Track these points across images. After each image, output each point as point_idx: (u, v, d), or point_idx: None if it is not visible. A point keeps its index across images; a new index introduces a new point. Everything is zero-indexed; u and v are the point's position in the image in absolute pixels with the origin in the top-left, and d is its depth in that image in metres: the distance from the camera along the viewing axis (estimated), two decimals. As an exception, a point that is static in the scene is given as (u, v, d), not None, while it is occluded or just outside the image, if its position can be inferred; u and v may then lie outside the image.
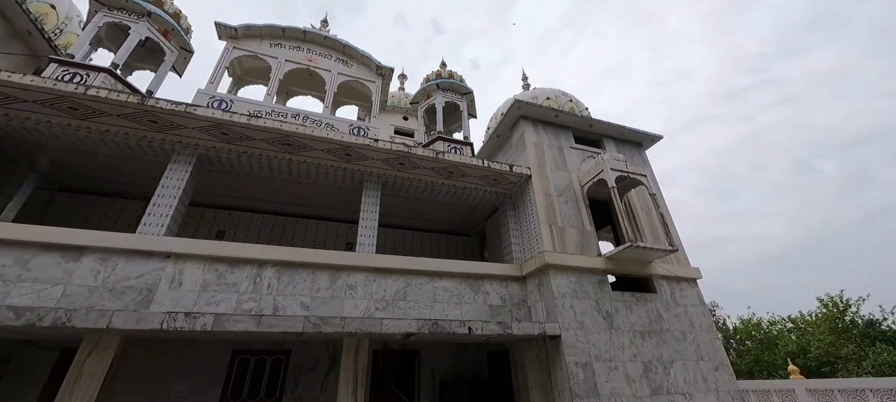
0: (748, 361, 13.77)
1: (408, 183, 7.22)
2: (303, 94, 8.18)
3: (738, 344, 15.81)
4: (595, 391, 5.45)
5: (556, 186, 7.41)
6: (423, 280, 6.29)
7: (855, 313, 12.17)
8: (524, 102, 7.93)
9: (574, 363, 5.58)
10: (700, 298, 7.24)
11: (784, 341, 13.60)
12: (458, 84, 8.24)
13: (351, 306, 5.70)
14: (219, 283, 5.25)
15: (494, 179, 7.45)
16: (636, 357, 6.01)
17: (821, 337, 12.90)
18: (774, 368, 12.88)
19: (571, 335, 5.80)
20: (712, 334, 6.88)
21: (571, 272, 6.42)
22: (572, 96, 9.71)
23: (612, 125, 8.77)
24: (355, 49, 7.59)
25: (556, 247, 6.62)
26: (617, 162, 7.32)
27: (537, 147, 7.81)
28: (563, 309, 6.00)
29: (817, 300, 13.76)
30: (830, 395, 7.95)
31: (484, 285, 6.68)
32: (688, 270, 7.42)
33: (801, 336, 13.21)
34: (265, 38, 7.11)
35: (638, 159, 8.97)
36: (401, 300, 6.01)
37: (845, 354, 11.38)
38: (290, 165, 6.52)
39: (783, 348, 13.14)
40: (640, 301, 6.65)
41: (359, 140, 6.22)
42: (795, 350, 12.83)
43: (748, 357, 14.02)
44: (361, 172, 6.88)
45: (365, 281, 5.96)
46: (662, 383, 5.94)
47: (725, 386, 6.36)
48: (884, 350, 10.31)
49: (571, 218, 7.13)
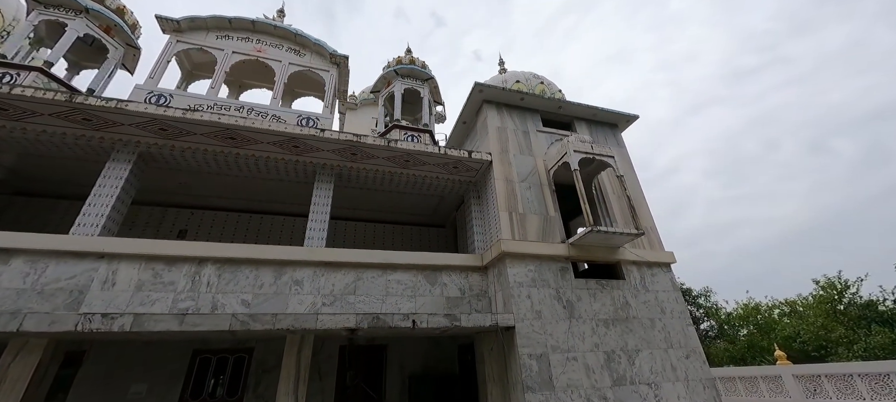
0: (741, 347, 13.28)
1: (363, 174, 6.99)
2: (258, 87, 7.98)
3: (732, 330, 15.28)
4: (549, 384, 5.19)
5: (519, 172, 7.10)
6: (375, 273, 6.08)
7: (854, 294, 11.59)
8: (486, 86, 7.60)
9: (528, 354, 5.33)
10: (673, 283, 6.90)
11: (781, 325, 13.07)
12: (418, 70, 7.94)
13: (296, 303, 5.52)
14: (154, 282, 5.10)
15: (454, 166, 7.18)
16: (598, 347, 5.72)
17: (811, 321, 12.37)
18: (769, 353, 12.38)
19: (527, 326, 5.53)
20: (685, 320, 6.54)
21: (531, 260, 6.14)
22: (544, 78, 9.33)
23: (582, 106, 8.39)
24: (307, 37, 7.34)
25: (515, 235, 6.34)
26: (582, 144, 6.97)
27: (500, 132, 7.49)
28: (518, 299, 5.73)
29: (813, 282, 13.25)
30: (817, 381, 7.55)
31: (442, 276, 6.44)
32: (660, 254, 7.07)
33: (798, 320, 12.68)
34: (211, 30, 6.90)
35: (612, 141, 8.59)
36: (350, 295, 5.81)
37: (835, 338, 10.84)
38: (238, 160, 6.34)
39: (780, 332, 12.63)
40: (606, 288, 6.34)
41: (303, 131, 6.00)
42: (792, 335, 12.33)
43: (741, 343, 13.52)
44: (314, 163, 6.67)
45: (312, 276, 5.77)
46: (626, 373, 5.65)
47: (696, 375, 6.05)
48: (878, 332, 9.77)
49: (534, 204, 6.82)
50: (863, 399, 6.84)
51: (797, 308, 13.27)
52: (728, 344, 14.02)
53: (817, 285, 12.75)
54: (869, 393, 6.76)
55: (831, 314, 11.35)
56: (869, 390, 6.77)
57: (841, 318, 10.98)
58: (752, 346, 13.17)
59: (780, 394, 8.06)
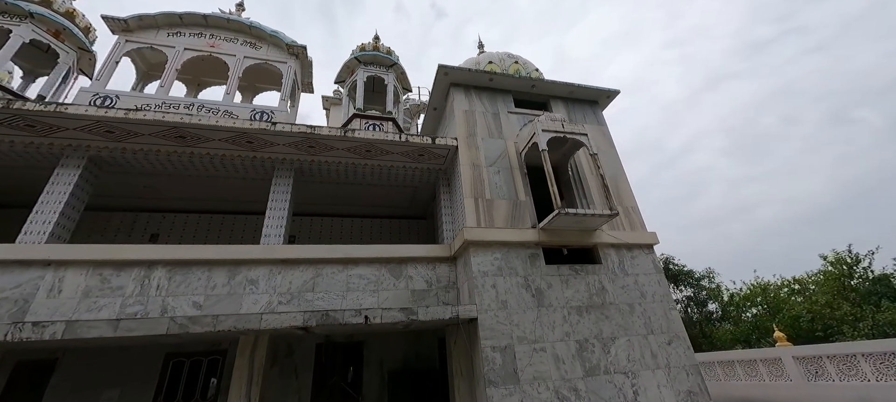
0: (745, 328, 12.65)
1: (325, 167, 6.76)
2: (218, 84, 7.78)
3: (737, 311, 14.61)
4: (514, 377, 4.90)
5: (487, 156, 6.76)
6: (335, 269, 5.86)
7: (867, 268, 10.83)
8: (452, 68, 7.24)
9: (491, 346, 5.04)
10: (655, 265, 6.50)
11: (789, 305, 12.38)
12: (381, 56, 7.62)
13: (250, 302, 5.34)
14: (102, 288, 4.98)
15: (419, 154, 6.88)
16: (569, 336, 5.40)
17: (815, 299, 11.64)
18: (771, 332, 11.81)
19: (491, 317, 5.24)
20: (667, 304, 6.15)
21: (497, 248, 5.83)
22: (519, 58, 8.88)
23: (557, 84, 7.95)
24: (263, 29, 7.09)
25: (481, 222, 6.02)
26: (552, 123, 6.58)
27: (468, 115, 7.14)
28: (482, 289, 5.44)
29: (821, 258, 12.43)
30: (819, 362, 7.05)
31: (407, 269, 6.18)
32: (641, 235, 6.66)
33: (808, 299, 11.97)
34: (162, 27, 6.71)
35: (591, 118, 8.14)
36: (308, 292, 5.61)
37: (840, 316, 10.14)
38: (193, 159, 6.17)
39: (787, 312, 11.96)
40: (580, 274, 5.99)
41: (253, 125, 5.78)
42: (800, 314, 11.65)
43: (745, 324, 12.87)
44: (272, 159, 6.46)
45: (268, 275, 5.58)
46: (600, 362, 5.32)
47: (679, 361, 5.67)
48: (888, 308, 9.06)
49: (503, 189, 6.48)
50: (867, 380, 6.35)
51: (808, 287, 12.56)
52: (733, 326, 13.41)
53: (825, 260, 12.00)
54: (873, 373, 6.26)
55: (840, 291, 10.66)
56: (874, 370, 6.27)
57: (850, 295, 10.29)
58: (757, 327, 12.55)
59: (780, 377, 7.59)
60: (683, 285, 16.22)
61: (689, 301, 16.00)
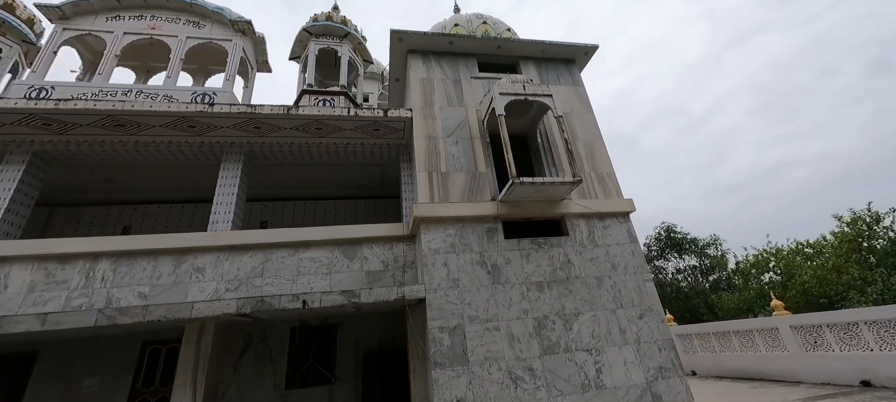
0: (749, 297, 11.88)
1: (277, 148, 6.48)
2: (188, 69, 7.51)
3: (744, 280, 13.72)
4: (463, 358, 4.65)
5: (444, 127, 6.30)
6: (285, 253, 5.67)
7: (888, 227, 9.76)
8: (406, 33, 6.70)
9: (439, 327, 4.79)
10: (630, 234, 6.00)
11: (802, 270, 11.45)
12: (333, 26, 7.12)
13: (197, 291, 5.24)
14: (47, 282, 4.97)
15: (375, 128, 6.49)
16: (527, 313, 5.07)
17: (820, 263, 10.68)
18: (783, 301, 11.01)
19: (440, 297, 4.96)
20: (641, 275, 5.70)
21: (451, 224, 5.48)
22: (488, 18, 8.19)
23: (527, 43, 7.28)
24: (205, 6, 6.71)
25: (435, 196, 5.66)
26: (512, 85, 6.01)
27: (425, 84, 6.64)
28: (432, 267, 5.14)
29: (835, 219, 11.28)
30: (818, 331, 6.46)
31: (362, 249, 5.93)
32: (615, 203, 6.14)
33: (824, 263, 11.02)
34: (100, 12, 6.43)
35: (566, 79, 7.47)
36: (257, 277, 5.46)
37: (846, 281, 9.22)
38: (139, 148, 6.01)
39: (799, 279, 11.07)
40: (543, 248, 5.59)
41: (189, 108, 5.52)
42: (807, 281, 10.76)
43: (749, 293, 12.09)
44: (221, 143, 6.23)
45: (216, 261, 5.45)
46: (560, 339, 4.99)
47: (650, 336, 5.28)
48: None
49: (461, 161, 6.05)
50: (870, 350, 5.76)
51: (823, 251, 11.58)
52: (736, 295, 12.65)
53: (840, 221, 10.92)
54: (877, 342, 5.66)
55: (856, 254, 9.72)
56: (877, 338, 5.67)
57: (867, 258, 9.36)
58: (763, 295, 11.78)
59: (777, 348, 7.05)
60: (688, 254, 15.41)
61: (694, 270, 15.24)
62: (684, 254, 15.34)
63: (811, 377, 6.42)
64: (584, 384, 4.80)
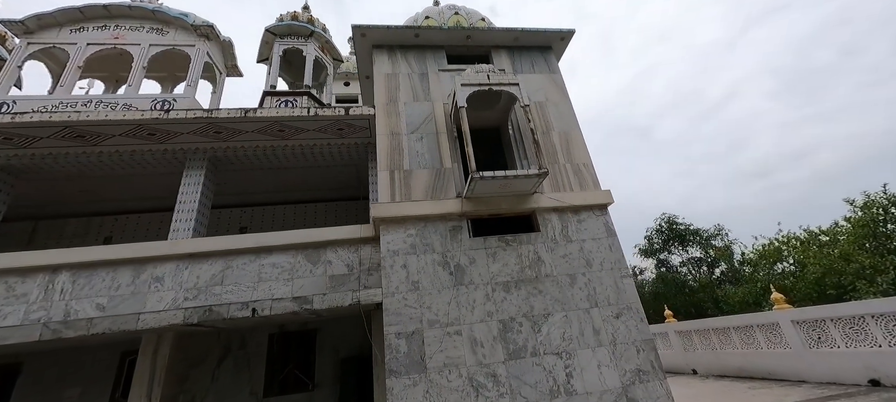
0: (755, 290, 11.13)
1: (242, 153, 6.36)
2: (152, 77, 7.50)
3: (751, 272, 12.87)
4: (420, 365, 4.41)
5: (408, 122, 6.05)
6: (246, 259, 5.52)
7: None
8: (369, 27, 6.48)
9: (396, 333, 4.55)
10: (607, 228, 5.63)
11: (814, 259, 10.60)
12: (297, 26, 6.96)
13: (155, 301, 5.14)
14: (7, 296, 4.95)
15: (339, 128, 6.30)
16: (492, 316, 4.79)
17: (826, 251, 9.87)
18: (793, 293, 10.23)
19: (398, 300, 4.72)
20: (618, 272, 5.32)
21: (412, 223, 5.23)
22: (461, 8, 7.88)
23: (499, 31, 6.96)
24: (167, 12, 6.64)
25: (396, 195, 5.43)
26: (476, 75, 5.72)
27: (389, 79, 6.41)
28: (390, 270, 4.91)
29: (847, 204, 10.37)
30: (822, 326, 5.92)
31: (326, 253, 5.73)
32: (591, 195, 5.77)
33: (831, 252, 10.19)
34: (64, 24, 6.44)
35: (542, 67, 7.11)
36: (217, 285, 5.32)
37: (854, 270, 8.43)
38: (102, 158, 5.98)
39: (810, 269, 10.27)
40: (512, 245, 5.28)
41: (145, 116, 5.44)
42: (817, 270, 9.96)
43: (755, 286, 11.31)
44: (184, 150, 6.15)
45: (175, 270, 5.34)
46: (527, 343, 4.69)
47: (627, 336, 4.91)
48: None
49: (425, 157, 5.79)
50: (877, 346, 5.22)
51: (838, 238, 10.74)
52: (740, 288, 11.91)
53: (852, 205, 10.07)
54: (885, 337, 5.13)
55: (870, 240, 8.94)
56: (885, 333, 5.13)
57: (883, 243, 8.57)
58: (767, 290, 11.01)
59: (779, 344, 6.53)
60: (691, 246, 14.60)
61: (699, 263, 14.43)
62: (688, 246, 14.61)
63: (816, 375, 5.90)
64: (552, 390, 4.48)
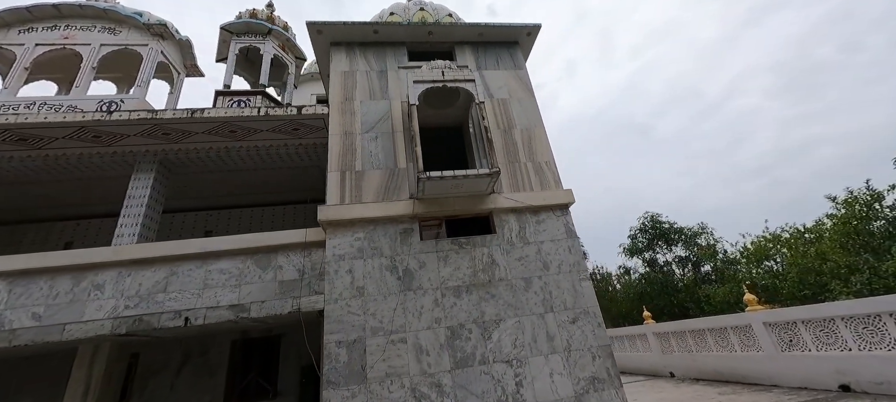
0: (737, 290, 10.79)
1: (194, 155, 6.17)
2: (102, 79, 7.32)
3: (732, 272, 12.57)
4: (360, 375, 4.21)
5: (364, 121, 5.85)
6: (192, 265, 5.32)
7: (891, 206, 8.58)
8: (324, 24, 6.29)
9: (336, 341, 4.35)
10: (567, 229, 5.42)
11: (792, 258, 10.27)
12: (256, 23, 6.76)
13: (95, 309, 4.94)
14: (-59, 306, 4.77)
15: (294, 128, 6.11)
16: (440, 322, 4.58)
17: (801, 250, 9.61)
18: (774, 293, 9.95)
19: (340, 307, 4.53)
20: (577, 275, 5.12)
21: (361, 226, 5.04)
22: (428, 4, 7.67)
23: (462, 27, 6.76)
24: (119, 11, 6.45)
25: (346, 197, 5.23)
26: (430, 72, 5.52)
27: (346, 77, 6.21)
28: (336, 275, 4.72)
29: (829, 200, 10.08)
30: (793, 329, 5.69)
31: (278, 258, 5.52)
32: (551, 195, 5.57)
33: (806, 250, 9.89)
34: (12, 25, 6.26)
35: (507, 63, 6.90)
36: (160, 293, 5.13)
37: (831, 268, 8.15)
38: (48, 161, 5.81)
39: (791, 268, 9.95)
40: (465, 248, 5.08)
41: (86, 118, 5.25)
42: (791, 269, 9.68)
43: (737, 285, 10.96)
44: (134, 152, 5.97)
45: (117, 278, 5.14)
46: (476, 350, 4.49)
47: (583, 342, 4.70)
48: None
49: (379, 157, 5.59)
50: (847, 349, 4.99)
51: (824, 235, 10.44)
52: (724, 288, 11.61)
53: (834, 202, 9.76)
54: (855, 341, 4.90)
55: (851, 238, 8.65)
56: (855, 336, 4.90)
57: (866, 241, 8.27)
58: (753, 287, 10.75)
59: (752, 347, 6.31)
60: (675, 244, 14.32)
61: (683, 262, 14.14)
62: (672, 245, 14.34)
63: (787, 380, 5.67)
64: (500, 399, 4.28)
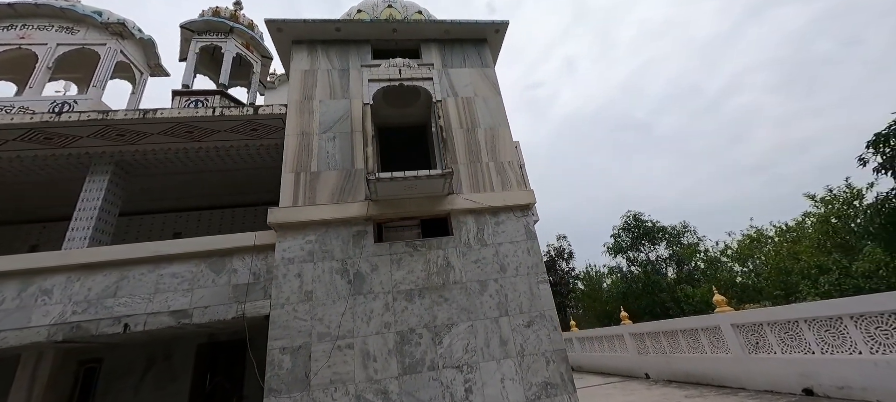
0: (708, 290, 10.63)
1: (153, 156, 6.06)
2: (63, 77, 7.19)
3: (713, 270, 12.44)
4: (303, 382, 4.11)
5: (322, 121, 5.74)
6: (144, 269, 5.21)
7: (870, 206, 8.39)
8: (284, 22, 6.16)
9: (280, 347, 4.25)
10: (527, 230, 5.30)
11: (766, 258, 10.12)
12: (217, 21, 6.63)
13: (41, 315, 4.83)
14: None
15: (253, 128, 5.99)
16: (389, 327, 4.48)
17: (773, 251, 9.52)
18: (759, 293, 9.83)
19: (287, 312, 4.42)
20: (535, 277, 5.00)
21: (313, 229, 4.93)
22: (395, 0, 7.54)
23: (427, 24, 6.63)
24: (76, 10, 6.32)
25: (299, 199, 5.11)
26: (387, 70, 5.39)
27: (306, 76, 6.09)
28: (284, 279, 4.62)
29: (808, 198, 9.92)
30: (759, 331, 5.58)
31: (232, 261, 5.41)
32: (512, 195, 5.45)
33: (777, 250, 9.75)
34: (-33, 24, 6.16)
35: (474, 60, 6.77)
36: (110, 298, 5.02)
37: (801, 268, 8.01)
38: (1, 163, 5.69)
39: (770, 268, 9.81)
40: (420, 251, 4.96)
41: (34, 119, 5.14)
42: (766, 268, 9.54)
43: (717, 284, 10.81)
44: (90, 154, 5.86)
45: (66, 282, 5.04)
46: (425, 356, 4.38)
47: (537, 347, 4.60)
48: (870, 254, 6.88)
49: (336, 158, 5.48)
50: (810, 352, 4.88)
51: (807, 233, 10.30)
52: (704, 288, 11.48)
53: (813, 200, 9.60)
54: (818, 344, 4.79)
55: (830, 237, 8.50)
56: (818, 340, 4.79)
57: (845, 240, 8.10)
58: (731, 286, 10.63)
59: (721, 349, 6.20)
60: (659, 243, 14.17)
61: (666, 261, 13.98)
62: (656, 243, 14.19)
63: (754, 383, 5.56)
64: (448, 406, 4.17)
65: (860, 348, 4.35)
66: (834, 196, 8.73)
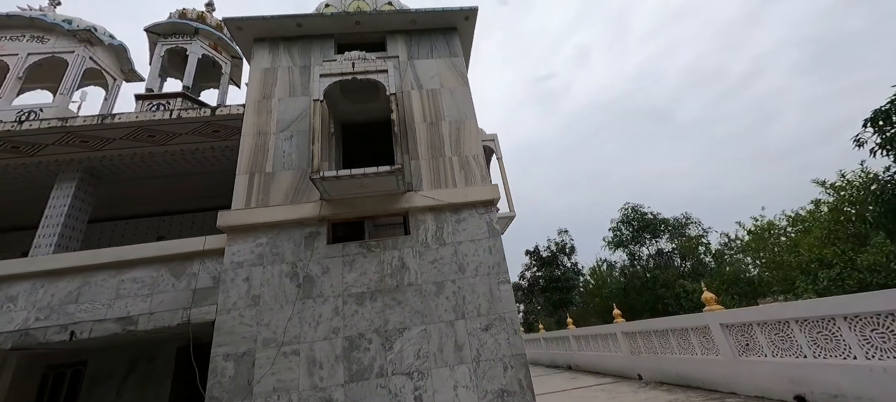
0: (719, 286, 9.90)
1: (120, 161, 6.08)
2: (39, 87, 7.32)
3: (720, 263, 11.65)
4: (245, 390, 3.99)
5: (280, 120, 5.59)
6: (106, 275, 5.22)
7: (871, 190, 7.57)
8: (242, 20, 6.03)
9: (224, 354, 4.15)
10: (489, 227, 5.02)
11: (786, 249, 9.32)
12: (181, 23, 6.58)
13: (5, 322, 4.90)
14: None
15: (214, 131, 5.91)
16: (338, 332, 4.30)
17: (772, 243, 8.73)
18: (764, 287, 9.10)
19: (233, 318, 4.31)
20: (496, 278, 4.73)
21: (264, 231, 4.80)
22: (365, -8, 7.30)
23: (391, 14, 6.38)
24: (45, 19, 6.39)
25: (252, 201, 4.99)
26: (340, 64, 5.18)
27: (266, 74, 5.95)
28: (231, 284, 4.51)
29: (817, 184, 9.03)
30: (749, 331, 5.10)
31: (193, 265, 5.36)
32: (474, 191, 5.17)
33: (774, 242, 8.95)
34: (-59, 37, 6.32)
35: (443, 50, 6.48)
36: (71, 303, 5.05)
37: (800, 262, 7.26)
38: (-26, 174, 5.80)
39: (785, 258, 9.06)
40: (374, 252, 4.76)
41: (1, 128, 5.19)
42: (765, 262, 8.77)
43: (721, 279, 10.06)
44: (58, 162, 5.91)
45: (30, 289, 5.09)
46: (374, 362, 4.19)
47: (495, 352, 4.33)
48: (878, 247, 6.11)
49: (292, 158, 5.32)
50: (802, 356, 4.41)
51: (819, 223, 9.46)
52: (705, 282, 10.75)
53: (823, 186, 8.72)
54: (810, 347, 4.31)
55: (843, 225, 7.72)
56: (809, 342, 4.31)
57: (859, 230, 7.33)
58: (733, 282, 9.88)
59: (711, 350, 5.74)
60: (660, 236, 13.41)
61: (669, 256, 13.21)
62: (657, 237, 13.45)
63: (745, 387, 5.11)
64: (395, 415, 3.97)
65: (855, 352, 3.86)
66: (848, 182, 7.94)
